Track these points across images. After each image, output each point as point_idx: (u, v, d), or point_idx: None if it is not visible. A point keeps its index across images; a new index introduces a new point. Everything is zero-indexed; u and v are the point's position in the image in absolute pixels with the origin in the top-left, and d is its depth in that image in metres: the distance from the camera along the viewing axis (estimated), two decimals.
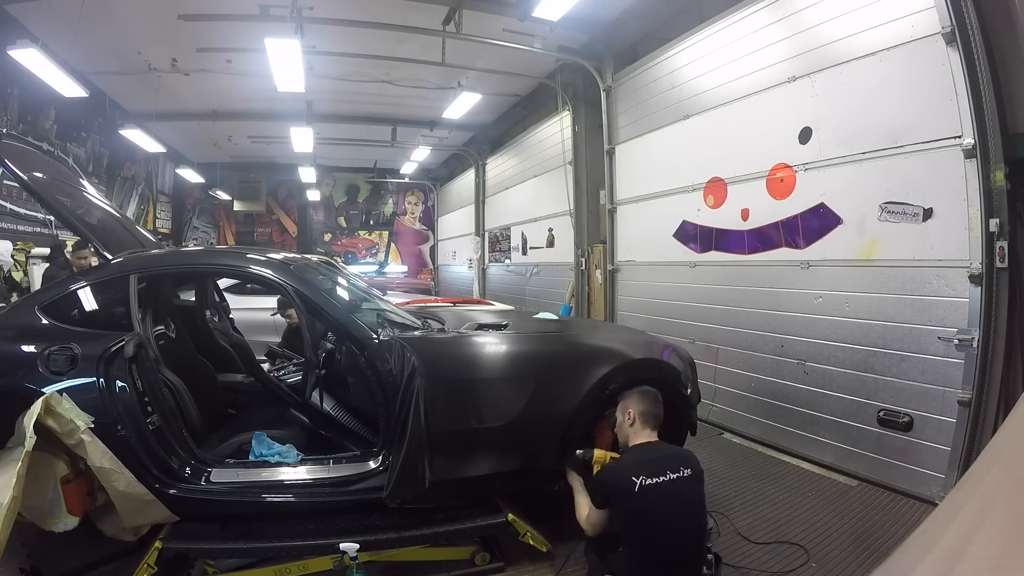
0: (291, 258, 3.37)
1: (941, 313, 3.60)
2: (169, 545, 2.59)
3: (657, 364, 3.33)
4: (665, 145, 6.21)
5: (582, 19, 6.63)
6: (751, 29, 4.97)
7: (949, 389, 3.52)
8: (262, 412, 3.65)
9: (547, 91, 9.07)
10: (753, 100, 4.98)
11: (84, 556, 2.77)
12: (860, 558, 2.95)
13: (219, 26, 6.74)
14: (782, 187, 4.72)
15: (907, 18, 3.69)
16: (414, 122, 11.61)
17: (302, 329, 3.09)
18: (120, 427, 2.54)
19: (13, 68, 6.30)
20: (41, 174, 3.20)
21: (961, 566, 0.79)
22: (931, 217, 3.64)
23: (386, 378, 2.79)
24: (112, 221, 3.73)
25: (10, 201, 7.35)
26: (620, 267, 7.19)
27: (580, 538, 3.06)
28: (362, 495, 2.78)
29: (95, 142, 9.99)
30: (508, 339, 3.39)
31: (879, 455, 3.89)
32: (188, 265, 3.57)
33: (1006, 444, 1.15)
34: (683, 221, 5.91)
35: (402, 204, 17.78)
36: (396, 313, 3.74)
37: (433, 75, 8.71)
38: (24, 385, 2.56)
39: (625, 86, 7.01)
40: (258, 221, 17.04)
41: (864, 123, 4.03)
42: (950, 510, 1.03)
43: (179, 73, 8.67)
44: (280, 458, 2.92)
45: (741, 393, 5.12)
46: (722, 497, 3.68)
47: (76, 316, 2.92)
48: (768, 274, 4.85)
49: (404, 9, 6.63)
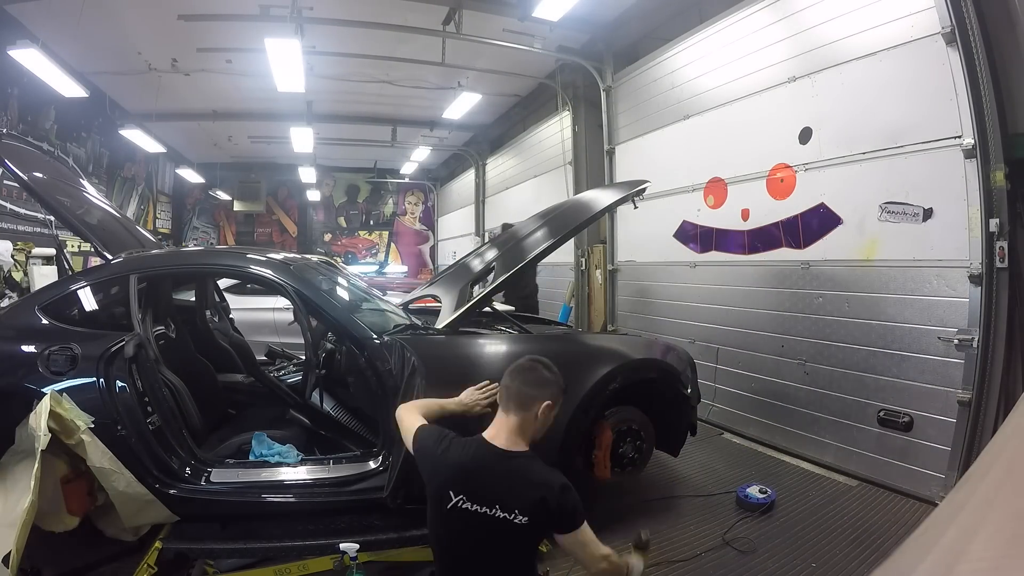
0: (291, 258, 3.37)
1: (941, 313, 3.59)
2: (169, 545, 2.58)
3: (657, 364, 3.33)
4: (665, 145, 6.21)
5: (582, 19, 6.63)
6: (751, 29, 4.97)
7: (949, 389, 3.52)
8: (262, 412, 3.65)
9: (547, 91, 9.07)
10: (753, 100, 4.98)
11: (84, 556, 2.77)
12: (860, 558, 2.95)
13: (219, 26, 6.74)
14: (782, 187, 4.72)
15: (907, 18, 3.69)
16: (414, 122, 11.61)
17: (302, 329, 3.09)
18: (120, 427, 2.54)
19: (13, 68, 6.29)
20: (41, 174, 3.20)
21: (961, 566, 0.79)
22: (931, 217, 3.64)
23: (386, 378, 2.79)
24: (112, 221, 3.73)
25: (10, 201, 7.36)
26: (620, 267, 7.19)
27: None
28: (362, 495, 2.78)
29: (95, 142, 9.99)
30: (508, 339, 3.39)
31: (879, 455, 3.89)
32: (188, 265, 3.57)
33: (1006, 444, 1.15)
34: (683, 221, 5.91)
35: (402, 204, 17.78)
36: (396, 313, 3.75)
37: (433, 75, 8.71)
38: (24, 385, 2.56)
39: (625, 86, 7.01)
40: (258, 221, 17.03)
41: (864, 123, 4.03)
42: (950, 510, 1.02)
43: (179, 73, 8.67)
44: (280, 458, 2.92)
45: (741, 393, 5.12)
46: (722, 497, 3.68)
47: (76, 316, 2.92)
48: (768, 274, 4.85)
49: (404, 9, 6.63)
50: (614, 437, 3.18)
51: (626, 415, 3.27)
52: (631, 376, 3.21)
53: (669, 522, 3.37)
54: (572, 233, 3.88)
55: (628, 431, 3.26)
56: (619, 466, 3.25)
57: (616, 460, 3.22)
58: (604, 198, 3.97)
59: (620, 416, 3.24)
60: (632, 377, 3.22)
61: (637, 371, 3.25)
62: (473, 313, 3.45)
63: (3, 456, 2.48)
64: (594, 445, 3.13)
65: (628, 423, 3.26)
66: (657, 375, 3.33)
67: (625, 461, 3.27)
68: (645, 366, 3.28)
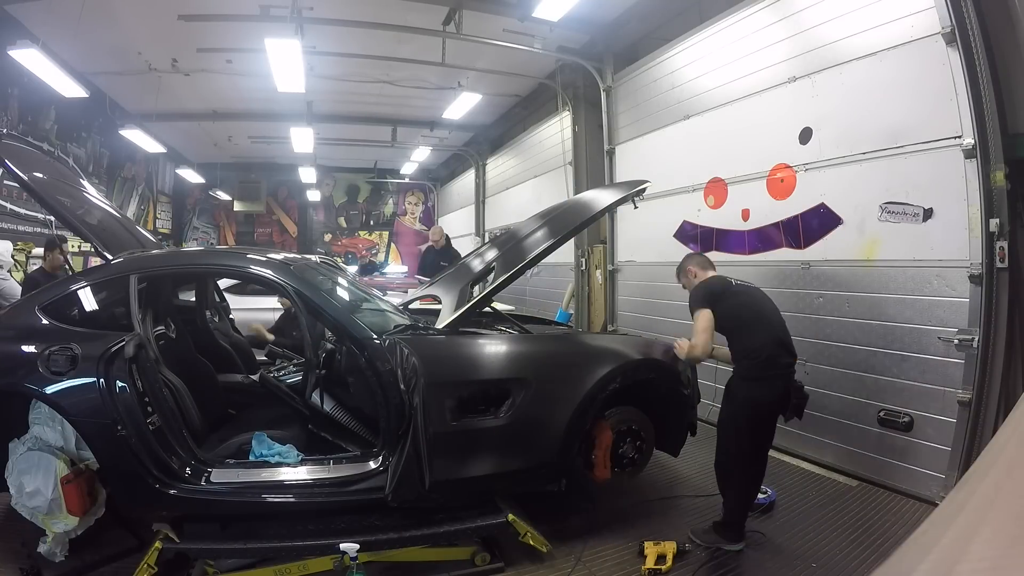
0: (291, 258, 3.37)
1: (941, 313, 3.59)
2: (169, 545, 2.59)
3: (657, 364, 3.33)
4: (665, 145, 6.21)
5: (582, 19, 6.63)
6: (751, 29, 4.97)
7: (949, 389, 3.52)
8: (262, 412, 3.65)
9: (547, 91, 9.07)
10: (753, 100, 4.98)
11: (84, 556, 2.77)
12: (860, 558, 2.95)
13: (219, 26, 6.74)
14: (782, 187, 4.72)
15: (907, 18, 3.69)
16: (414, 122, 11.60)
17: (302, 329, 3.09)
18: (120, 427, 2.53)
19: (13, 68, 6.29)
20: (41, 174, 3.20)
21: (961, 566, 0.79)
22: (931, 217, 3.64)
23: (386, 378, 2.79)
24: (112, 221, 3.73)
25: (10, 201, 7.36)
26: (620, 267, 7.19)
27: (580, 539, 3.08)
28: (362, 495, 2.78)
29: (95, 142, 10.00)
30: (509, 339, 3.39)
31: (879, 455, 3.89)
32: (188, 265, 3.57)
33: (1006, 444, 1.15)
34: (684, 221, 5.91)
35: (402, 204, 17.78)
36: (396, 313, 3.75)
37: (433, 75, 8.71)
38: (24, 385, 2.56)
39: (625, 86, 7.01)
40: (258, 221, 17.03)
41: (864, 123, 4.03)
42: (950, 510, 1.02)
43: (179, 73, 8.66)
44: (280, 458, 2.91)
45: None
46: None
47: (76, 316, 2.92)
48: (769, 274, 4.84)
49: (404, 9, 6.62)
50: (614, 437, 3.19)
51: (626, 415, 3.28)
52: (631, 376, 3.22)
53: (669, 522, 3.37)
54: (572, 233, 3.89)
55: (628, 431, 3.27)
56: (619, 466, 3.25)
57: (616, 460, 3.23)
58: (604, 198, 3.97)
59: (620, 416, 3.25)
60: (632, 377, 3.23)
61: (637, 371, 3.25)
62: (473, 313, 3.45)
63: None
64: (594, 445, 3.13)
65: (628, 423, 3.27)
66: (657, 375, 3.33)
67: (625, 461, 3.27)
68: (645, 366, 3.29)
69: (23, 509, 2.62)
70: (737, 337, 3.07)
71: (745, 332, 3.02)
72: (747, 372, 2.99)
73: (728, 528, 3.05)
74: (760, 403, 2.97)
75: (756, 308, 3.09)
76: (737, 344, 3.06)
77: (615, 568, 2.89)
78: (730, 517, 3.05)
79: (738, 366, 3.06)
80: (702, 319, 3.01)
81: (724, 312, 3.05)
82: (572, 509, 3.36)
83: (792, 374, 3.06)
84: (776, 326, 3.07)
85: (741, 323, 3.04)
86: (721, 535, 3.05)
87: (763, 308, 3.11)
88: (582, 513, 3.35)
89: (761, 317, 3.05)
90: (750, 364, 2.99)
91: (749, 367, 2.99)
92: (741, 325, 3.04)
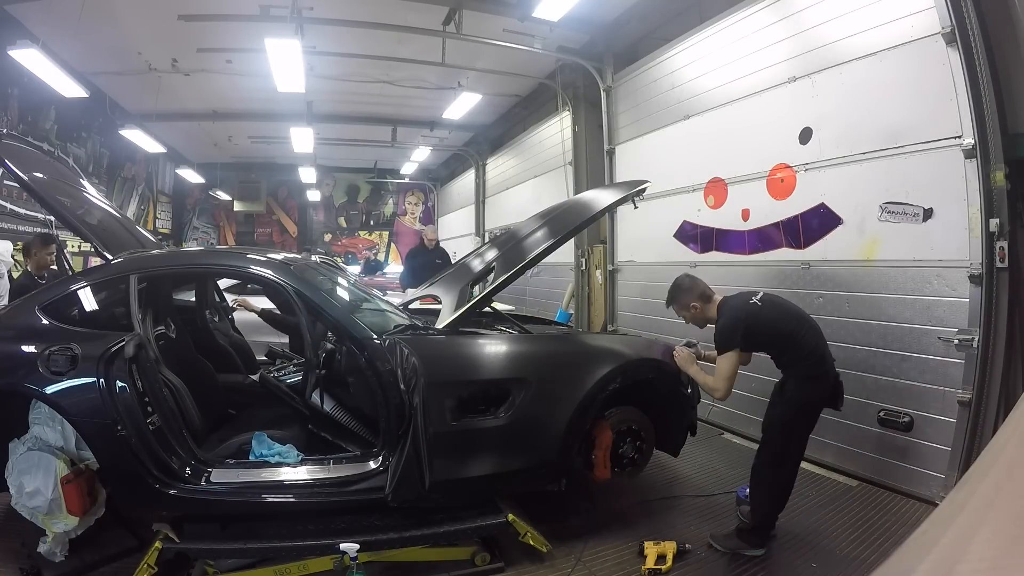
0: (291, 258, 3.37)
1: (941, 313, 3.59)
2: (169, 545, 2.59)
3: (657, 364, 3.33)
4: (665, 145, 6.21)
5: (582, 19, 6.63)
6: (751, 29, 4.97)
7: (949, 389, 3.52)
8: (262, 412, 3.65)
9: (547, 91, 9.07)
10: (753, 100, 4.98)
11: (84, 556, 2.77)
12: (860, 558, 2.95)
13: (219, 26, 6.74)
14: (782, 187, 4.72)
15: (907, 18, 3.69)
16: (414, 122, 11.60)
17: (302, 329, 3.09)
18: (120, 427, 2.53)
19: (13, 68, 6.30)
20: (41, 174, 3.20)
21: (961, 566, 0.78)
22: (931, 217, 3.63)
23: (386, 378, 2.79)
24: (112, 221, 3.73)
25: (10, 201, 7.36)
26: (620, 267, 7.18)
27: (580, 539, 3.08)
28: (362, 495, 2.78)
29: (95, 142, 10.00)
30: (509, 339, 3.39)
31: (879, 455, 3.89)
32: (188, 265, 3.57)
33: (1006, 444, 1.15)
34: (683, 221, 5.90)
35: (402, 204, 17.78)
36: (396, 313, 3.74)
37: (433, 75, 8.71)
38: (24, 385, 2.56)
39: (625, 86, 7.01)
40: (258, 221, 17.04)
41: (864, 123, 4.02)
42: (950, 510, 1.02)
43: (179, 73, 8.66)
44: (280, 458, 2.91)
45: (741, 393, 5.09)
46: (723, 498, 3.68)
47: (76, 316, 2.92)
48: (769, 274, 4.84)
49: (404, 9, 6.62)
50: (614, 437, 3.18)
51: (626, 415, 3.28)
52: (631, 376, 3.22)
53: (669, 522, 3.37)
54: (572, 233, 3.88)
55: (628, 431, 3.27)
56: (619, 466, 3.25)
57: (616, 460, 3.22)
58: (604, 198, 3.97)
59: (620, 416, 3.25)
60: (632, 377, 3.23)
61: (637, 371, 3.25)
62: (473, 313, 3.45)
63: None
64: (594, 445, 3.13)
65: (628, 423, 3.27)
66: (657, 375, 3.33)
67: (625, 461, 3.27)
68: (645, 366, 3.28)
69: (23, 509, 2.62)
70: (786, 349, 3.01)
71: (792, 343, 2.97)
72: (808, 371, 2.95)
73: (754, 533, 3.02)
74: (815, 401, 2.99)
75: (789, 315, 3.05)
76: (790, 354, 3.00)
77: (615, 568, 2.90)
78: (761, 521, 3.02)
79: (794, 370, 2.99)
80: (728, 364, 2.96)
81: (764, 340, 3.03)
82: (572, 509, 3.37)
83: (834, 364, 3.07)
84: (812, 322, 3.07)
85: (786, 336, 2.98)
86: (745, 540, 3.01)
87: (792, 311, 3.08)
88: (582, 513, 3.35)
89: (798, 320, 3.03)
90: (808, 365, 2.95)
91: (809, 367, 2.95)
92: (786, 337, 2.98)
